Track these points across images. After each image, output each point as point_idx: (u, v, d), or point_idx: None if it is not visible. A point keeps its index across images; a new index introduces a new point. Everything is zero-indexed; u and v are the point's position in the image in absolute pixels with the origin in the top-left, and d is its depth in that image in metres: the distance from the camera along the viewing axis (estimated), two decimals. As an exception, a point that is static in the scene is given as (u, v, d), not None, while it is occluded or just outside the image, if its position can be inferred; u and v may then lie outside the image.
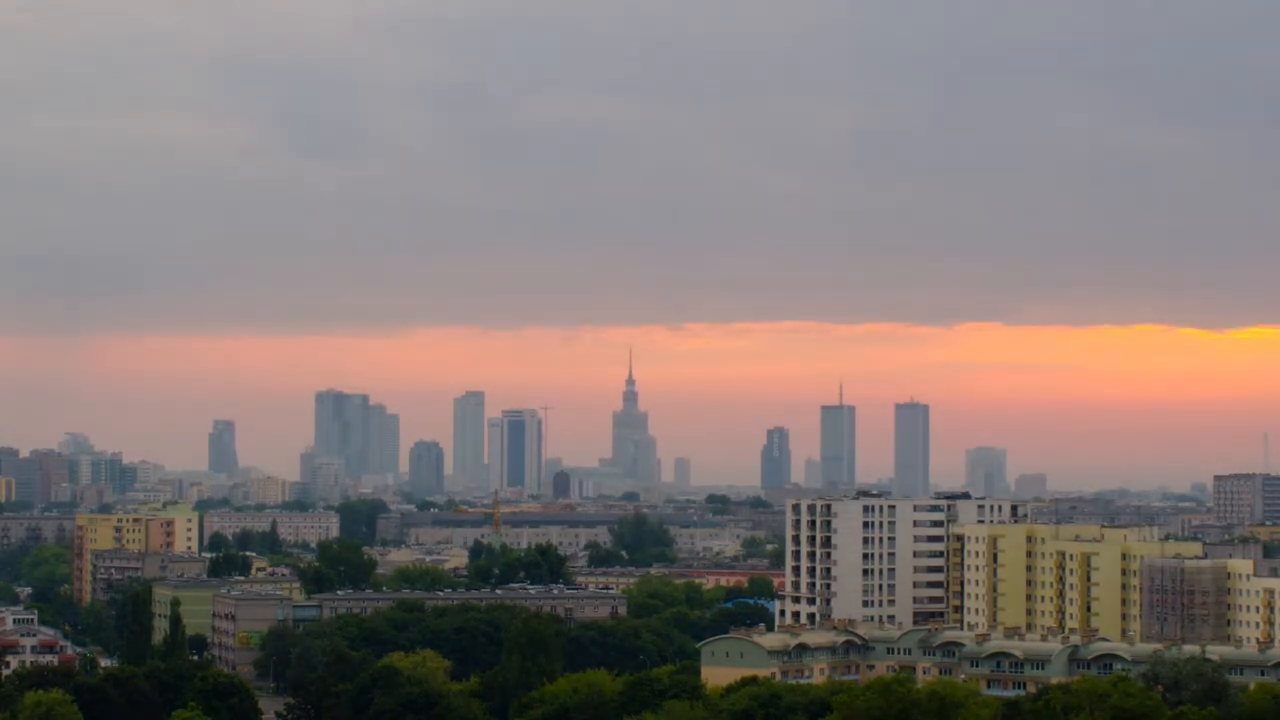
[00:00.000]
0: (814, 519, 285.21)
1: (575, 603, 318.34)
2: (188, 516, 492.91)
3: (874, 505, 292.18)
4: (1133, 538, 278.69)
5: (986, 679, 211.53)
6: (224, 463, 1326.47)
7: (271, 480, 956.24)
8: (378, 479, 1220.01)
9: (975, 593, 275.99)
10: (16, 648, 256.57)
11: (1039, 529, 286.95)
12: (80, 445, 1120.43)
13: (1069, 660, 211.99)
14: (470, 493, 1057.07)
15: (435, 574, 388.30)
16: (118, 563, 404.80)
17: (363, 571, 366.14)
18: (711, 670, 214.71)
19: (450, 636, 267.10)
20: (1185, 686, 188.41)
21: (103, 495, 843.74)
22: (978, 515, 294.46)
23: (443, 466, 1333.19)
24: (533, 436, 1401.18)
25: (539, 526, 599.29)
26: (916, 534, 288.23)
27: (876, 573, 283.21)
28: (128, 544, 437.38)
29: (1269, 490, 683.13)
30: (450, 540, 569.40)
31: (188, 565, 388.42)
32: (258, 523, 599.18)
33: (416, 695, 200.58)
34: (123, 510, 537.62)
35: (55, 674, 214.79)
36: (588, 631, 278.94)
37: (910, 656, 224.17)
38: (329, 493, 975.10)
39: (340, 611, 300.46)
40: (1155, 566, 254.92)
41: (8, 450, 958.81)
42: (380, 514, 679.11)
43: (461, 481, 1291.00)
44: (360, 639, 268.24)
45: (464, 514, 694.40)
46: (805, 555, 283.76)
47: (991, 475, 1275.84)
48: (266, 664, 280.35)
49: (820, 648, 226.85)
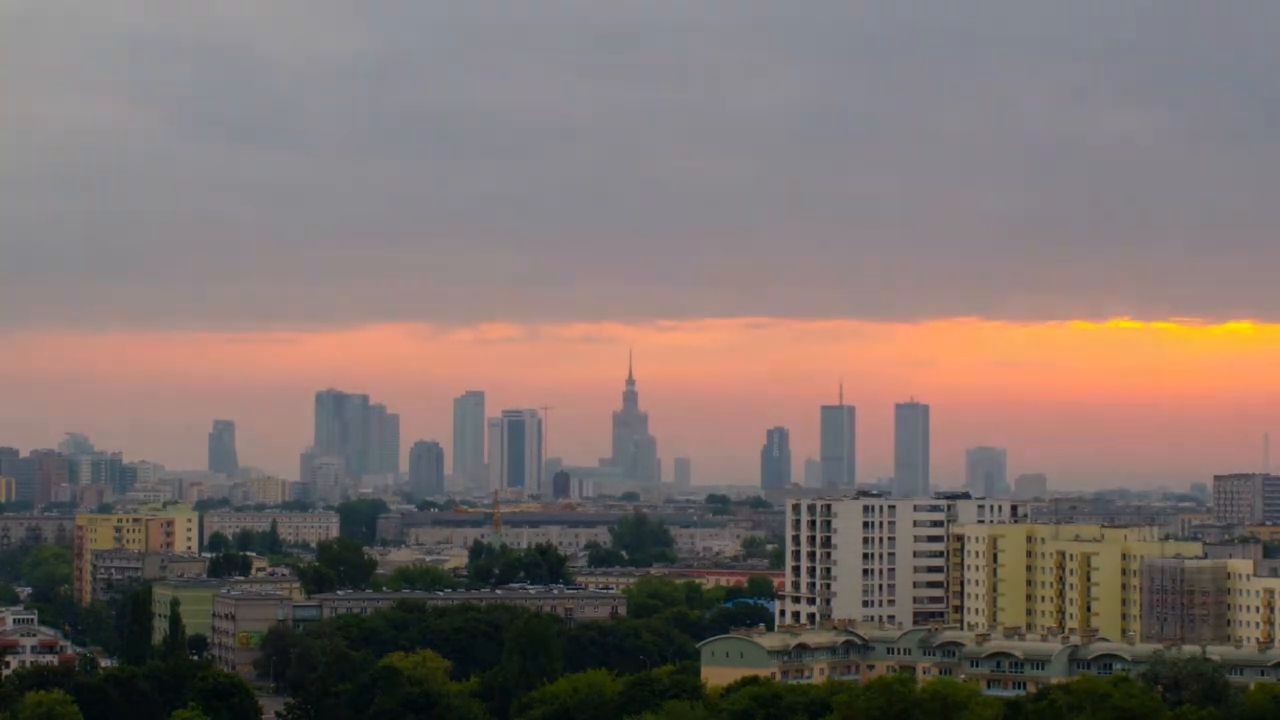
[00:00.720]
0: (814, 519, 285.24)
1: (575, 603, 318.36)
2: (188, 516, 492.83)
3: (874, 505, 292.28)
4: (1133, 538, 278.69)
5: (986, 679, 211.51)
6: (224, 463, 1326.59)
7: (271, 480, 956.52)
8: (378, 479, 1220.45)
9: (975, 593, 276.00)
10: (16, 648, 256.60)
11: (1039, 529, 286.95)
12: (80, 445, 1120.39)
13: (1069, 660, 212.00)
14: (470, 493, 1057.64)
15: (435, 574, 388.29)
16: (118, 563, 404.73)
17: (363, 571, 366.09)
18: (711, 670, 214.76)
19: (450, 636, 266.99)
20: (1185, 686, 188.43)
21: (103, 495, 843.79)
22: (978, 515, 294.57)
23: (443, 466, 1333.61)
24: (533, 436, 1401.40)
25: (539, 526, 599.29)
26: (916, 534, 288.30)
27: (876, 573, 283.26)
28: (128, 544, 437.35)
29: (1269, 490, 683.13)
30: (450, 540, 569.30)
31: (188, 565, 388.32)
32: (258, 523, 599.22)
33: (416, 695, 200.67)
34: (123, 510, 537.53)
35: (55, 674, 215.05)
36: (588, 631, 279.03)
37: (910, 656, 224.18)
38: (329, 493, 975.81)
39: (340, 611, 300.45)
40: (1155, 566, 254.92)
41: (8, 450, 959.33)
42: (380, 514, 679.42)
43: (461, 481, 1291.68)
44: (360, 639, 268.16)
45: (464, 514, 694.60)
46: (805, 555, 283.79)
47: (991, 475, 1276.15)
48: (266, 664, 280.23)
49: (820, 648, 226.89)
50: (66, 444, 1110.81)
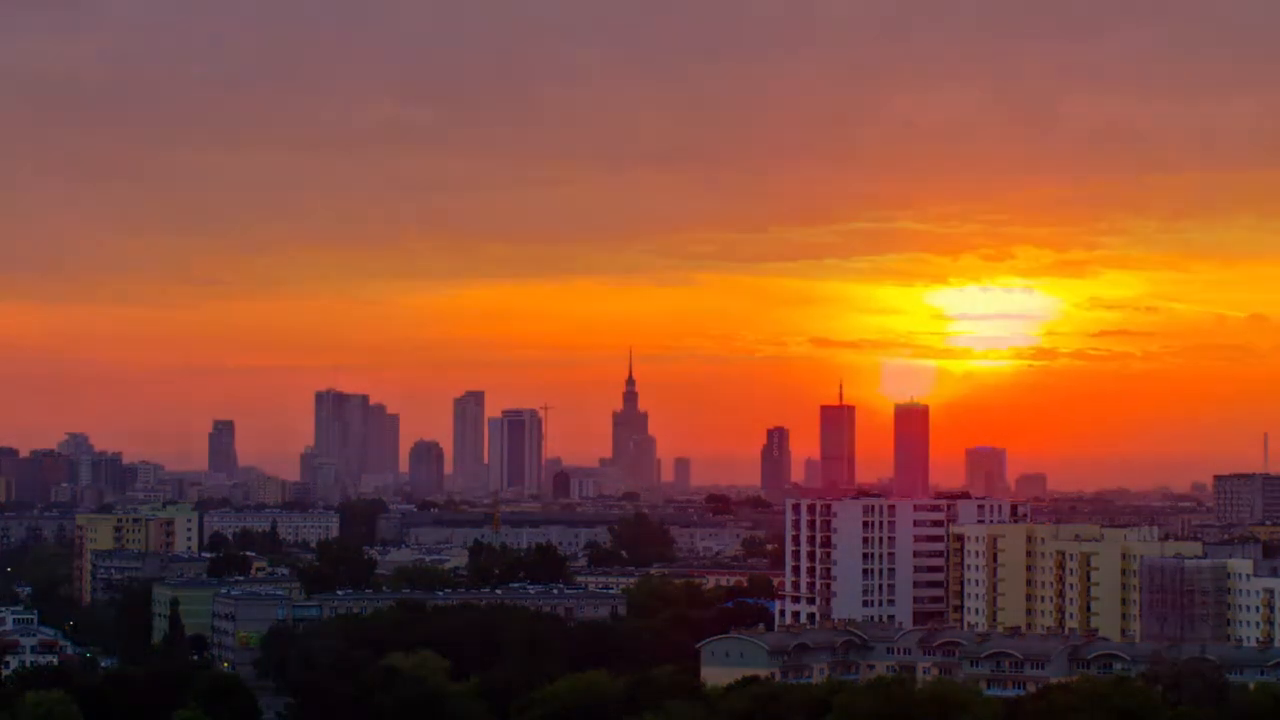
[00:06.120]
0: (814, 519, 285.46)
1: (575, 603, 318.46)
2: (188, 516, 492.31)
3: (874, 505, 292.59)
4: (1133, 537, 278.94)
5: (986, 679, 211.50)
6: (224, 463, 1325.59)
7: (271, 480, 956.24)
8: (378, 479, 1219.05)
9: (975, 593, 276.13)
10: (16, 648, 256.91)
11: (1039, 529, 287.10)
12: (80, 445, 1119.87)
13: (1069, 660, 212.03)
14: (470, 493, 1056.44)
15: (435, 574, 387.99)
16: (118, 563, 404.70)
17: (363, 571, 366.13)
18: (711, 670, 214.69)
19: (450, 636, 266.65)
20: (1185, 686, 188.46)
21: (103, 495, 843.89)
22: (977, 515, 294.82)
23: (443, 466, 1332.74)
24: (533, 436, 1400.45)
25: (539, 526, 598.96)
26: (916, 534, 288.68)
27: (876, 573, 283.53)
28: (128, 544, 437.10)
29: (1269, 490, 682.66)
30: (450, 540, 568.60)
31: (188, 565, 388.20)
32: (258, 523, 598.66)
33: (416, 695, 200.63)
34: (123, 510, 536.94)
35: (55, 674, 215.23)
36: (588, 631, 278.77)
37: (910, 656, 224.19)
38: (329, 493, 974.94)
39: (340, 611, 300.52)
40: (1155, 566, 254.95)
41: (8, 450, 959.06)
42: (380, 514, 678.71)
43: (461, 481, 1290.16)
44: (360, 639, 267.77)
45: (464, 514, 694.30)
46: (805, 555, 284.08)
47: (991, 475, 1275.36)
48: (266, 664, 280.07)
49: (820, 647, 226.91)
50: (66, 444, 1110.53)
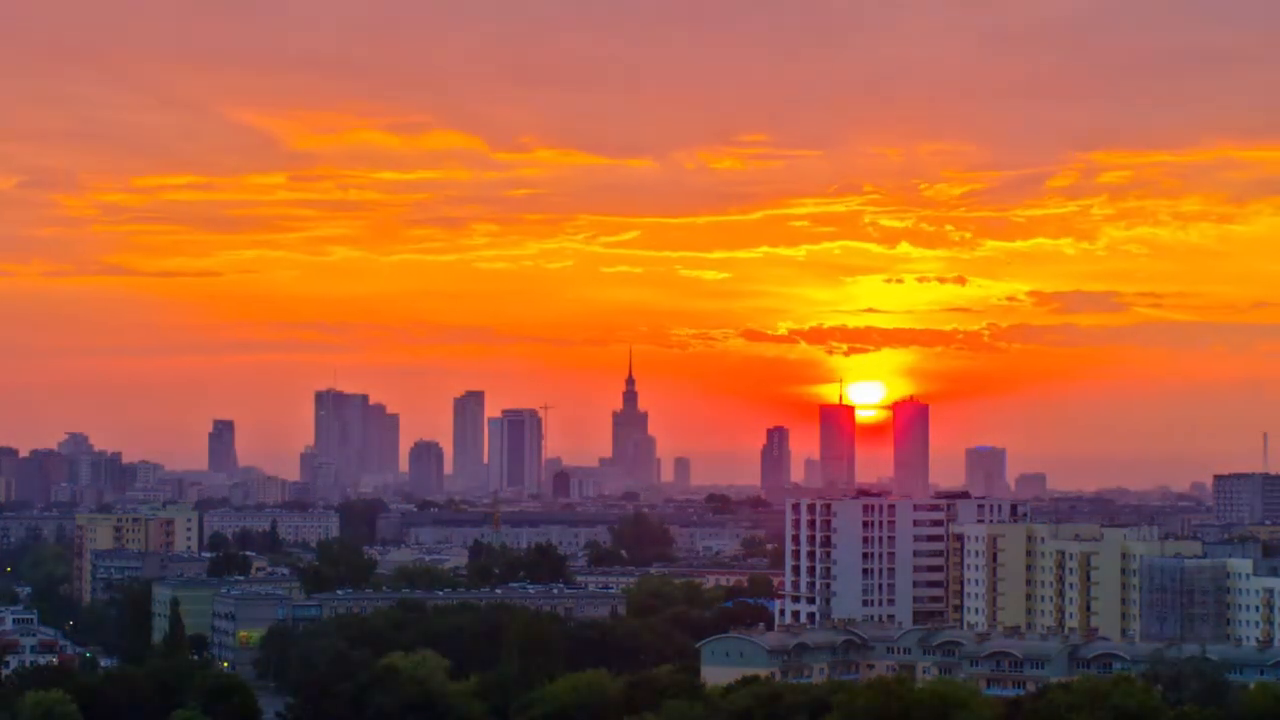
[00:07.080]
0: (814, 519, 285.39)
1: (575, 603, 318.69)
2: (187, 516, 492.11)
3: (874, 505, 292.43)
4: (1132, 537, 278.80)
5: (986, 679, 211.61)
6: (224, 463, 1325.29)
7: (271, 480, 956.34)
8: (378, 479, 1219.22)
9: (975, 592, 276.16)
10: (16, 648, 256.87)
11: (1039, 529, 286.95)
12: (80, 445, 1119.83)
13: (1069, 660, 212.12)
14: (470, 492, 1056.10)
15: (435, 574, 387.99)
16: (118, 563, 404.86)
17: (362, 571, 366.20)
18: (711, 670, 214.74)
19: (450, 636, 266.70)
20: (1185, 686, 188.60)
21: (102, 495, 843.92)
22: (977, 515, 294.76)
23: (443, 466, 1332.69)
24: (533, 436, 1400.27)
25: (539, 526, 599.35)
26: (916, 534, 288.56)
27: (876, 573, 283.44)
28: (128, 544, 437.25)
29: (1269, 490, 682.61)
30: (450, 540, 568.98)
31: (188, 565, 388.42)
32: (258, 522, 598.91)
33: (416, 695, 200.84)
34: (122, 510, 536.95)
35: (55, 674, 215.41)
36: (588, 631, 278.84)
37: (910, 656, 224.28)
38: (329, 493, 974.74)
39: (340, 611, 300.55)
40: (1155, 566, 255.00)
41: (8, 450, 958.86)
42: (380, 514, 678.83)
43: (461, 481, 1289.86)
44: (360, 639, 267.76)
45: (464, 514, 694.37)
46: (805, 555, 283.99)
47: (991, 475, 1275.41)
48: (266, 664, 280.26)
49: (820, 647, 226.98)
50: (66, 444, 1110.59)
